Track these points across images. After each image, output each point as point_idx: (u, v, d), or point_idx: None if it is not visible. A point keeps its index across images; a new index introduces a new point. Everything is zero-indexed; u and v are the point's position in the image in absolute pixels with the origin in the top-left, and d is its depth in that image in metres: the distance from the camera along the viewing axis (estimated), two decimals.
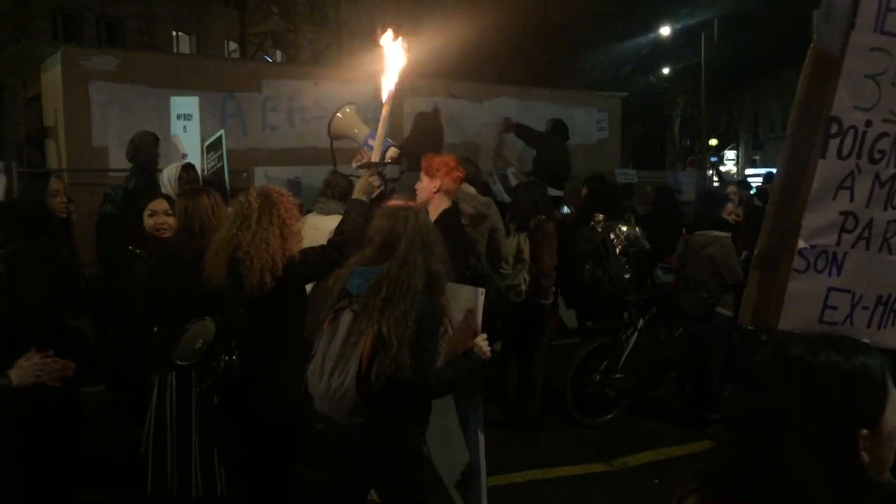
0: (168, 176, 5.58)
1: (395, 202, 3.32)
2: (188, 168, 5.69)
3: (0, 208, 5.10)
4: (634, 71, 32.38)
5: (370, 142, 4.00)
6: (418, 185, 4.64)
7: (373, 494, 3.07)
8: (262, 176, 7.70)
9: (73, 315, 4.08)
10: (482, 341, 3.23)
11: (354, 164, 4.11)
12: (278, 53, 27.02)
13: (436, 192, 4.59)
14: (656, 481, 5.08)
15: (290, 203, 3.56)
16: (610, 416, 6.14)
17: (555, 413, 6.11)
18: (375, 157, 3.90)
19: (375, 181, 3.85)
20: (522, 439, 5.70)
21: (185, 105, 6.77)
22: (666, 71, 35.13)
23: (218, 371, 3.40)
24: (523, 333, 5.83)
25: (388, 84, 3.81)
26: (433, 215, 4.46)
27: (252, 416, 3.51)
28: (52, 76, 8.21)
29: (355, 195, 3.83)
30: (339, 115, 5.60)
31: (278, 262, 3.41)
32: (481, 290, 3.40)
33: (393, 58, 3.81)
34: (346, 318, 2.93)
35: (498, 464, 3.49)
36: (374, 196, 3.89)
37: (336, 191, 5.28)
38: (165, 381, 3.76)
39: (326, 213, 5.09)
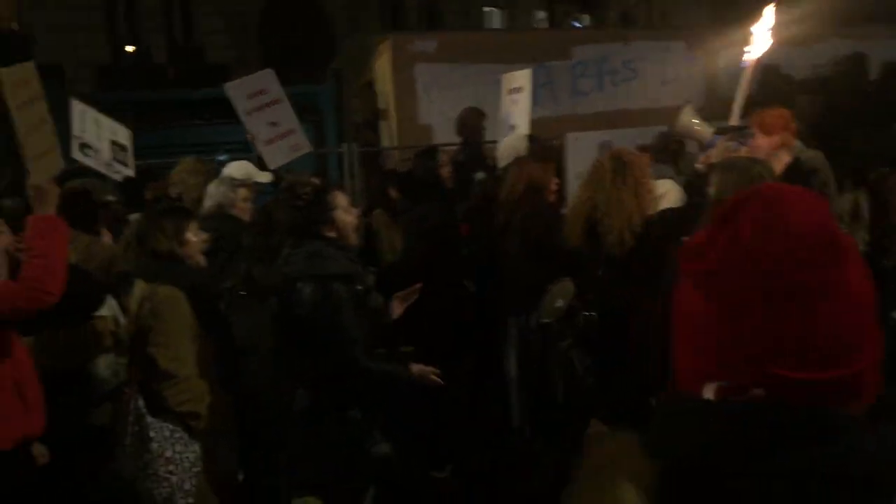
0: (514, 147, 5.86)
1: (734, 154, 3.29)
2: (533, 139, 6.02)
3: (399, 178, 6.10)
4: None
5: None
6: (753, 144, 4.44)
7: None
8: (572, 142, 7.78)
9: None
10: None
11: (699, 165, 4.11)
12: (586, 17, 26.87)
13: (776, 149, 4.36)
14: None
15: (643, 163, 3.71)
16: None
17: None
18: (734, 121, 3.93)
19: (731, 146, 3.86)
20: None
21: (517, 79, 6.99)
22: None
23: (578, 327, 3.64)
24: None
25: (754, 51, 3.82)
26: (776, 172, 4.29)
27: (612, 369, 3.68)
28: (383, 63, 9.02)
29: (713, 160, 3.94)
30: (682, 117, 5.46)
31: (636, 221, 3.56)
32: None
33: (762, 24, 3.80)
34: None
35: None
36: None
37: (664, 154, 5.19)
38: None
39: (657, 177, 5.03)
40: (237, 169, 5.27)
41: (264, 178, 5.23)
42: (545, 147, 6.27)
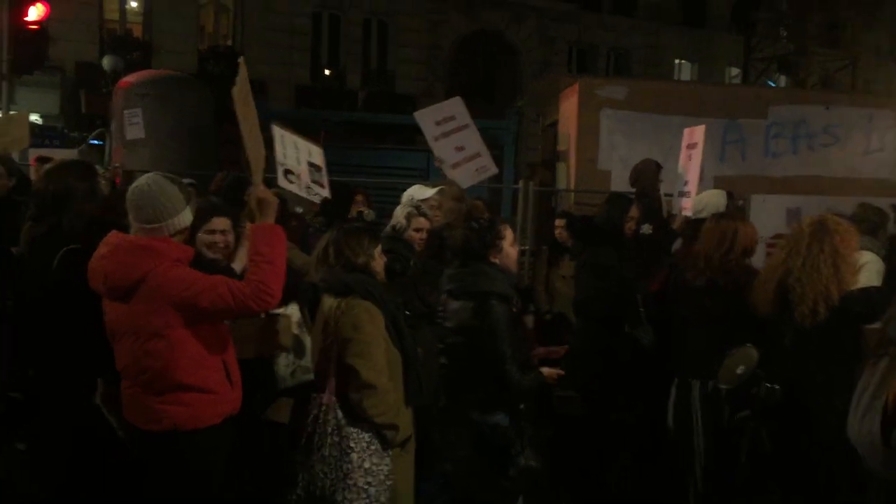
0: (715, 203, 5.60)
1: None
2: (730, 195, 5.80)
3: (575, 220, 6.17)
4: None
5: None
6: None
7: None
8: (759, 203, 7.45)
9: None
10: None
11: None
12: (782, 79, 25.84)
13: None
14: None
15: (848, 234, 3.46)
16: None
17: None
18: None
19: None
20: None
21: (693, 134, 6.79)
22: None
23: (758, 398, 3.47)
24: None
25: None
26: None
27: (792, 445, 3.48)
28: (569, 105, 9.01)
29: None
30: None
31: (833, 293, 3.32)
32: None
33: None
34: (883, 362, 2.67)
35: None
36: None
37: (865, 225, 4.83)
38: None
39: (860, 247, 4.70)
40: (407, 193, 5.28)
41: (423, 194, 5.20)
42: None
